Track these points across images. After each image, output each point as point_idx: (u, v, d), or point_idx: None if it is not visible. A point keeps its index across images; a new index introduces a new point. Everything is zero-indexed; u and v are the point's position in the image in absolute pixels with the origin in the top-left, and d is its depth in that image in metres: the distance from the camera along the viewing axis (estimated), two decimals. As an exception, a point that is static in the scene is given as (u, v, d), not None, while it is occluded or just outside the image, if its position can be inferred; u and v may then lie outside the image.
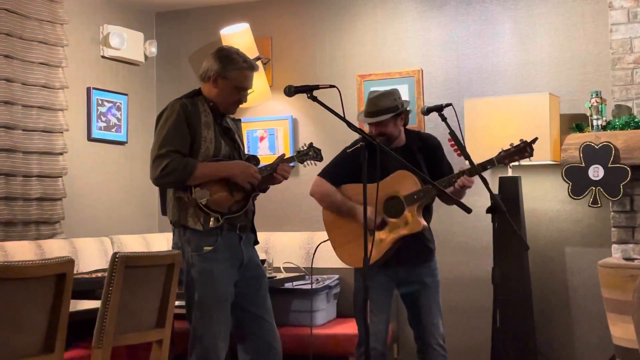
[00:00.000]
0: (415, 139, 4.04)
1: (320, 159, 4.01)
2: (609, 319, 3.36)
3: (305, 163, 3.98)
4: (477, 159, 3.76)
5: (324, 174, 4.07)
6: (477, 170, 3.69)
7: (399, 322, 5.06)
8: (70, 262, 2.81)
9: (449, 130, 3.61)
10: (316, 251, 4.39)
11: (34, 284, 2.69)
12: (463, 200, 3.54)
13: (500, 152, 3.79)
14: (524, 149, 3.76)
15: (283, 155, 3.87)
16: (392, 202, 3.87)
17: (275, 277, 4.73)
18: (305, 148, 3.98)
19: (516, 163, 3.87)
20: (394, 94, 3.94)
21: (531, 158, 3.80)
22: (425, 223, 3.87)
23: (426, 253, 4.01)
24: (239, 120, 3.97)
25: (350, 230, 3.92)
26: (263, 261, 4.09)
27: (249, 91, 3.78)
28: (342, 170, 4.01)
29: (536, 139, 3.76)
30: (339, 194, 4.00)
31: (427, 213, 3.99)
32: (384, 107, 3.89)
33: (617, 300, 3.27)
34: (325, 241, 4.09)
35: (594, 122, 4.61)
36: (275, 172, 3.76)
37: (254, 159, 3.82)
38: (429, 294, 3.99)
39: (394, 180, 3.85)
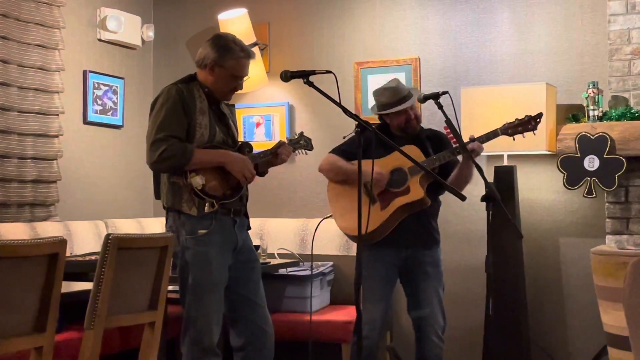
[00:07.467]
0: (424, 129, 4.20)
1: (311, 148, 4.06)
2: (601, 307, 3.37)
3: (296, 152, 4.01)
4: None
5: (334, 150, 4.17)
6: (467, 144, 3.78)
7: (393, 310, 5.06)
8: (62, 242, 2.81)
9: (445, 118, 3.61)
10: (317, 230, 4.46)
11: (26, 263, 2.69)
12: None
13: (504, 124, 3.83)
14: (529, 122, 3.81)
15: (283, 142, 3.90)
16: (397, 172, 3.95)
17: (270, 263, 4.73)
18: (296, 137, 4.01)
19: (520, 136, 3.92)
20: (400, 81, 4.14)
21: (528, 137, 3.85)
22: (427, 199, 3.93)
23: (430, 239, 4.06)
24: (233, 105, 3.98)
25: (353, 199, 3.95)
26: (257, 247, 4.10)
27: (244, 78, 3.79)
28: (351, 149, 4.06)
29: (541, 114, 3.80)
30: (345, 161, 4.06)
31: (434, 201, 4.05)
32: (407, 93, 4.03)
33: (608, 288, 3.27)
34: (329, 216, 4.14)
35: (591, 113, 4.60)
36: (278, 151, 3.81)
37: (247, 146, 3.84)
38: (431, 284, 4.01)
39: (401, 154, 3.91)
